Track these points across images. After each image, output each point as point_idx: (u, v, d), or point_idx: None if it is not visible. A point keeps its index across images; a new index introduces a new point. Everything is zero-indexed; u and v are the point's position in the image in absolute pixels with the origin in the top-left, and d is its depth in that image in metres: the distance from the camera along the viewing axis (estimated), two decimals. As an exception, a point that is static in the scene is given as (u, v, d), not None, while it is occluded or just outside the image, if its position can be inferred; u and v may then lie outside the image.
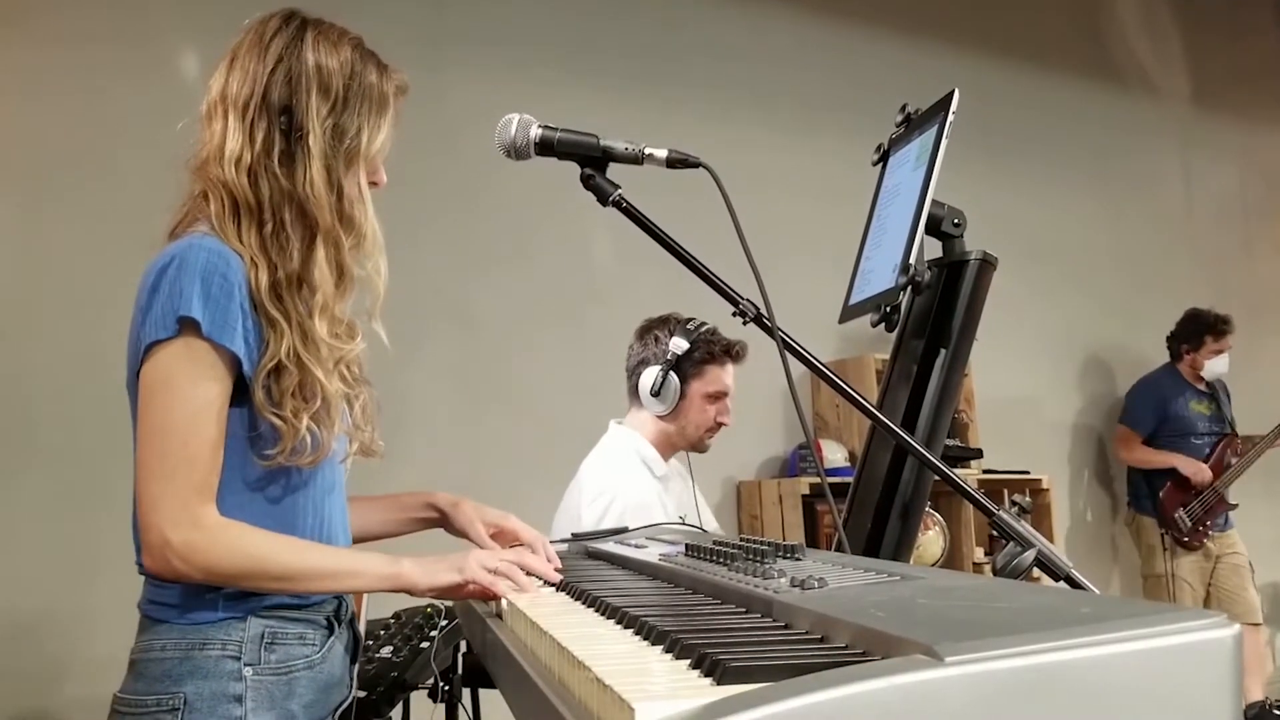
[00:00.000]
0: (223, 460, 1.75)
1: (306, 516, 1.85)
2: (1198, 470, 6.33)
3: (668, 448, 3.51)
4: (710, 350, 3.44)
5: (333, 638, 1.89)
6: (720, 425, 3.53)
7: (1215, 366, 6.52)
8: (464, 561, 1.84)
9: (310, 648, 1.85)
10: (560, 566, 1.98)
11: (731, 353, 3.48)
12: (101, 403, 4.10)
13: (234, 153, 1.80)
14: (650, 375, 3.40)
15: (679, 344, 3.38)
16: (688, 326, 3.41)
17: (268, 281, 1.77)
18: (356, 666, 1.99)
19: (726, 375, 3.49)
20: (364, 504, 2.14)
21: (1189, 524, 6.33)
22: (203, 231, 1.80)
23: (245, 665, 1.76)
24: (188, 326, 1.69)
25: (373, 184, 1.94)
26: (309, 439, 1.77)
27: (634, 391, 3.48)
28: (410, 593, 1.86)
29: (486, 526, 2.11)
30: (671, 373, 3.38)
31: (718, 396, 3.48)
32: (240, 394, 1.76)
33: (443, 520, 2.17)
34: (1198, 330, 6.55)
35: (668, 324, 3.46)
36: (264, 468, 1.78)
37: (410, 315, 4.51)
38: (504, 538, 2.12)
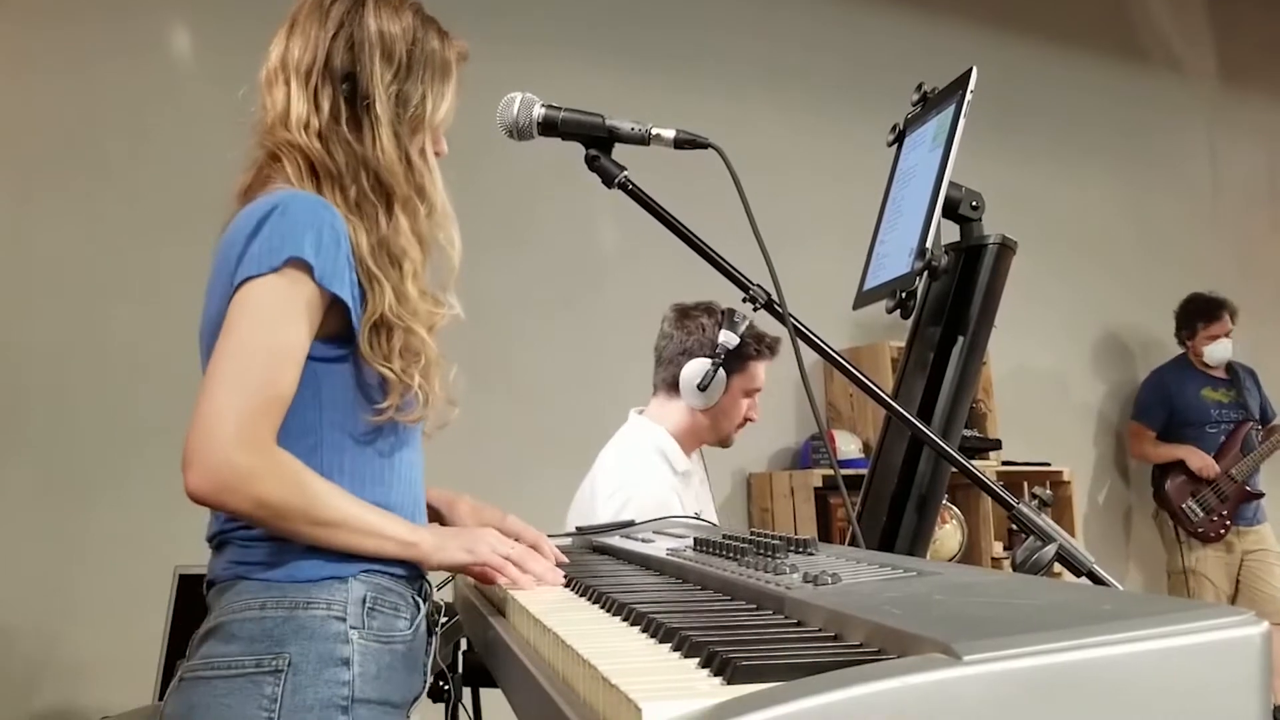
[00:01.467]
0: (327, 415, 1.75)
1: (405, 475, 1.85)
2: (1205, 465, 6.32)
3: (694, 441, 3.48)
4: (756, 347, 3.40)
5: (420, 617, 1.86)
6: (748, 421, 3.50)
7: (1215, 352, 6.48)
8: (475, 542, 1.83)
9: (404, 620, 1.81)
10: (565, 561, 1.98)
11: (774, 350, 3.44)
12: (92, 391, 4.14)
13: (301, 118, 1.80)
14: (696, 367, 3.33)
15: (729, 338, 3.30)
16: (734, 320, 3.34)
17: (367, 242, 1.77)
18: (431, 659, 1.94)
19: (763, 372, 3.46)
20: None
21: (1200, 514, 6.32)
22: (289, 187, 1.79)
23: (351, 628, 1.72)
24: (296, 265, 1.67)
25: (435, 153, 1.94)
26: (419, 395, 1.78)
27: (670, 381, 3.42)
28: (421, 565, 1.83)
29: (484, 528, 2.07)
30: (721, 368, 3.32)
31: (754, 393, 3.46)
32: (347, 345, 1.75)
33: (437, 519, 2.14)
34: (1189, 317, 6.56)
35: (712, 314, 3.39)
36: (371, 423, 1.77)
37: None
38: None
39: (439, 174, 1.92)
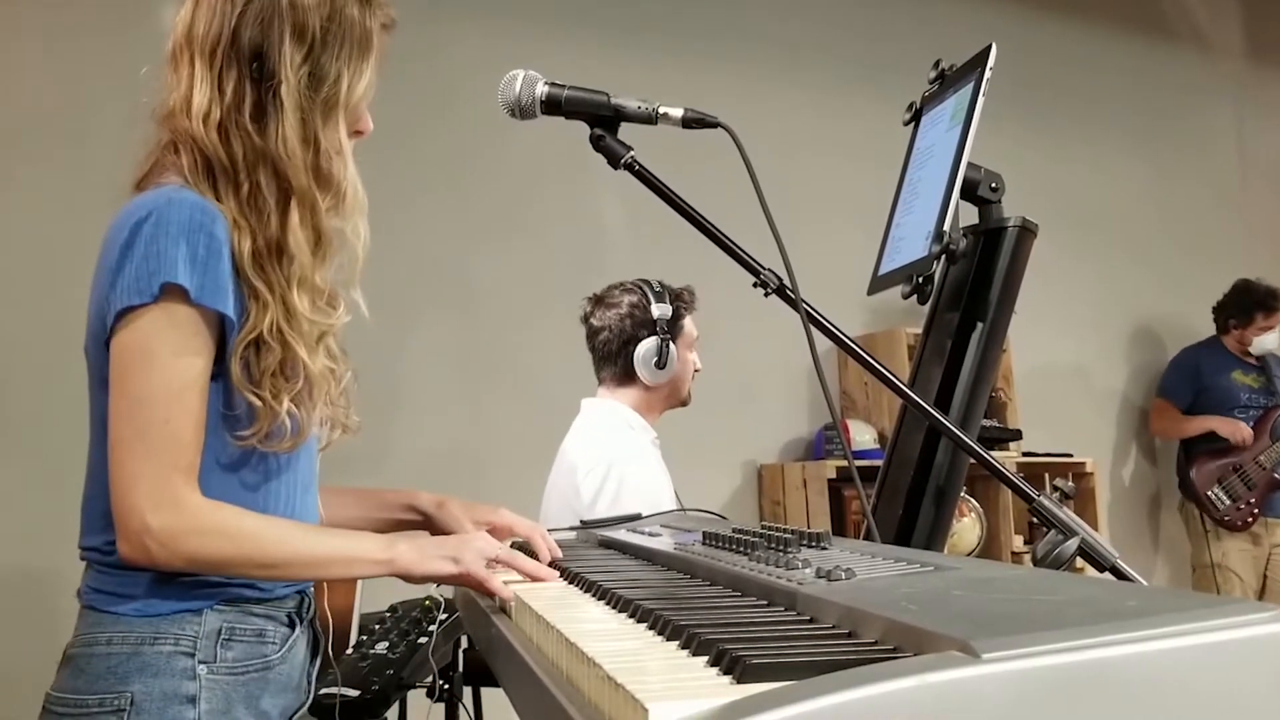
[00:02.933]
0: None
1: (279, 508, 1.80)
2: (1235, 430, 6.31)
3: (656, 412, 3.59)
4: (683, 306, 3.56)
5: (294, 636, 1.84)
6: (696, 371, 3.63)
7: (1265, 343, 6.49)
8: (461, 550, 1.80)
9: (270, 646, 1.79)
10: (561, 556, 1.98)
11: (694, 299, 3.62)
12: (74, 376, 4.12)
13: (202, 107, 1.74)
14: (647, 348, 3.46)
15: (664, 310, 3.47)
16: (655, 290, 3.52)
17: (250, 248, 1.71)
18: (316, 670, 1.93)
19: (693, 321, 3.62)
20: (341, 495, 2.09)
21: (1226, 501, 6.31)
22: (176, 184, 1.73)
23: (200, 663, 1.70)
24: (171, 293, 1.63)
25: (358, 133, 1.88)
26: (288, 422, 1.73)
27: (623, 372, 3.52)
28: (404, 579, 1.82)
29: (476, 525, 2.05)
30: (670, 341, 3.46)
31: (694, 344, 3.61)
32: (218, 364, 1.71)
33: (427, 523, 2.11)
34: (1246, 305, 6.52)
35: (628, 291, 3.55)
36: (239, 449, 1.74)
37: (405, 290, 4.52)
38: (498, 534, 2.05)
39: (352, 160, 1.84)
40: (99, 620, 1.73)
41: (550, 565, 1.90)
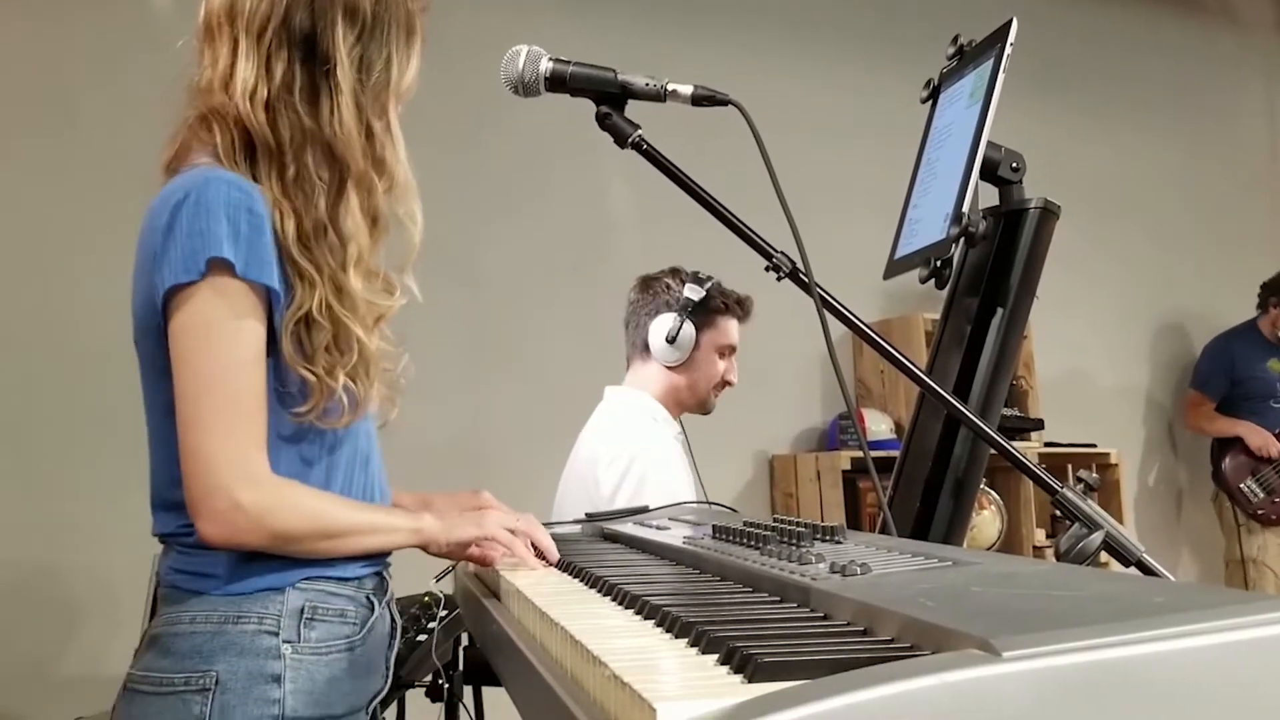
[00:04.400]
0: None
1: (337, 480, 1.85)
2: (1265, 443, 6.29)
3: (676, 406, 3.58)
4: (724, 301, 3.53)
5: (374, 618, 1.88)
6: (727, 384, 3.61)
7: None
8: (483, 517, 1.89)
9: (351, 627, 1.83)
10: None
11: (744, 307, 3.59)
12: (61, 368, 4.13)
13: (248, 85, 1.76)
14: (664, 322, 3.46)
15: (694, 291, 3.46)
16: (699, 276, 3.51)
17: (294, 230, 1.75)
18: (394, 653, 1.97)
19: (736, 330, 3.59)
20: None
21: (1260, 495, 6.29)
22: (209, 164, 1.76)
23: (284, 642, 1.75)
24: (218, 268, 1.66)
25: None
26: (344, 398, 1.78)
27: (642, 343, 3.54)
28: (428, 549, 1.87)
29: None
30: (688, 320, 3.45)
31: (728, 351, 3.58)
32: (269, 342, 1.74)
33: None
34: None
35: (677, 274, 3.55)
36: (294, 424, 1.78)
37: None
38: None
39: (402, 143, 1.89)
40: (182, 600, 1.77)
41: (546, 561, 1.95)
